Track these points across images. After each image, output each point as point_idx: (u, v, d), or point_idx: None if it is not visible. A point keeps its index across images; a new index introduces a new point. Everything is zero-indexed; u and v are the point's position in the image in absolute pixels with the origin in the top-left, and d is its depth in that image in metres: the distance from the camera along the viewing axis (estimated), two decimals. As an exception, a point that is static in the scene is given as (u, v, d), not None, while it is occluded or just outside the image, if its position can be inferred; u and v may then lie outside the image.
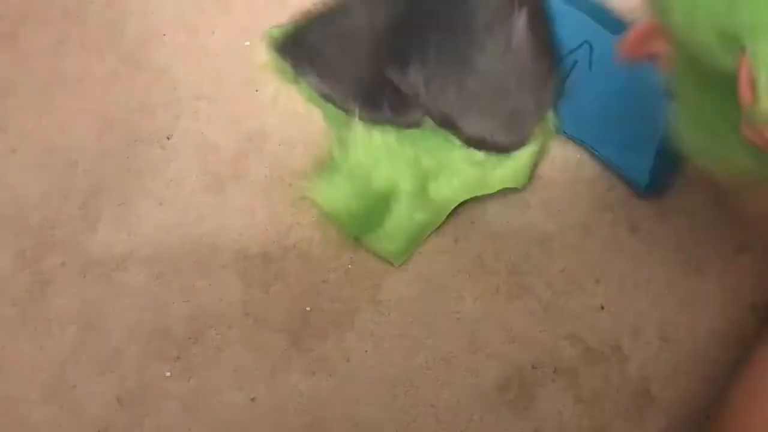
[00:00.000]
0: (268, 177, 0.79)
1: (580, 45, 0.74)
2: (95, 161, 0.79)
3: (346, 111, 0.74)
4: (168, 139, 0.81)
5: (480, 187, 0.74)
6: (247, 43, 0.84)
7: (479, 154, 0.74)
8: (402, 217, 0.74)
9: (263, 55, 0.78)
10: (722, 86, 0.45)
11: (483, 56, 0.71)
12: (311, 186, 0.75)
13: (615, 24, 0.73)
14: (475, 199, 0.76)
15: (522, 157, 0.73)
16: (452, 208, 0.73)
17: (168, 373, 0.72)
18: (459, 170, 0.74)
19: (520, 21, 0.70)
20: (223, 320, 0.73)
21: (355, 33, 0.74)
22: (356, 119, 0.73)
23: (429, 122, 0.73)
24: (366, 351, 0.72)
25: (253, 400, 0.71)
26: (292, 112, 0.81)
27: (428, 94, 0.71)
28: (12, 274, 0.76)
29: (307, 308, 0.74)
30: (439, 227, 0.74)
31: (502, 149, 0.73)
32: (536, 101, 0.72)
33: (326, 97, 0.76)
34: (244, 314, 0.74)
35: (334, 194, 0.74)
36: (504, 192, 0.76)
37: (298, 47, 0.76)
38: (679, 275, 0.72)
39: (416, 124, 0.74)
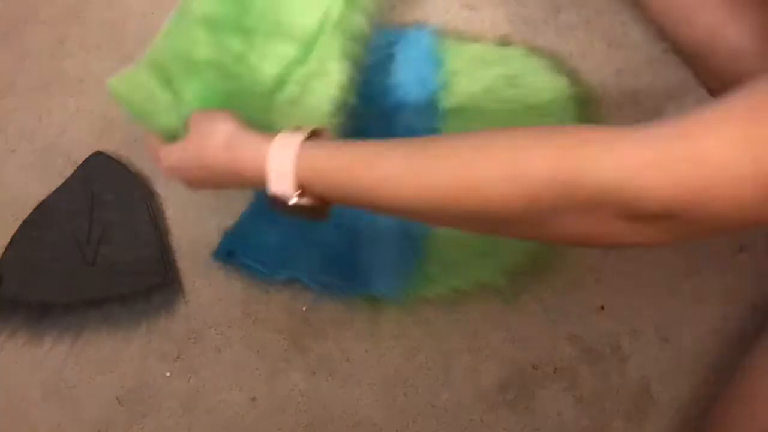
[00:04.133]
0: (268, 177, 0.78)
1: None
2: (95, 161, 0.79)
3: None
4: (168, 139, 0.81)
5: None
6: (247, 43, 0.84)
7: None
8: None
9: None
10: None
11: None
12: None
13: None
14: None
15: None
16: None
17: (168, 373, 0.72)
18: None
19: None
20: (223, 320, 0.73)
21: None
22: None
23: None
24: (366, 351, 0.72)
25: (253, 400, 0.71)
26: (292, 112, 0.81)
27: None
28: (12, 274, 0.75)
29: (306, 308, 0.74)
30: (439, 227, 0.74)
31: None
32: None
33: None
34: (244, 314, 0.74)
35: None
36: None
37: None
38: (679, 275, 0.72)
39: None
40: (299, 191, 0.49)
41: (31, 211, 0.76)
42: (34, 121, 0.81)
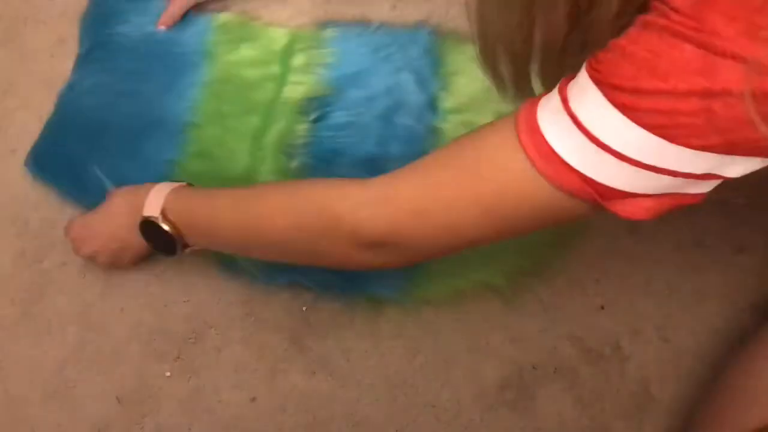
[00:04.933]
0: (268, 177, 0.78)
1: None
2: (95, 161, 0.79)
3: None
4: (168, 139, 0.80)
5: None
6: (247, 43, 0.84)
7: None
8: None
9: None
10: None
11: None
12: None
13: None
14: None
15: None
16: None
17: (168, 373, 0.72)
18: None
19: None
20: (223, 320, 0.73)
21: None
22: None
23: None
24: (366, 351, 0.72)
25: (253, 400, 0.71)
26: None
27: None
28: (12, 274, 0.75)
29: (306, 308, 0.74)
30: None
31: None
32: None
33: None
34: (244, 314, 0.74)
35: None
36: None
37: None
38: (679, 275, 0.72)
39: None
40: (162, 215, 0.62)
41: (35, 209, 0.76)
42: (34, 121, 0.81)
